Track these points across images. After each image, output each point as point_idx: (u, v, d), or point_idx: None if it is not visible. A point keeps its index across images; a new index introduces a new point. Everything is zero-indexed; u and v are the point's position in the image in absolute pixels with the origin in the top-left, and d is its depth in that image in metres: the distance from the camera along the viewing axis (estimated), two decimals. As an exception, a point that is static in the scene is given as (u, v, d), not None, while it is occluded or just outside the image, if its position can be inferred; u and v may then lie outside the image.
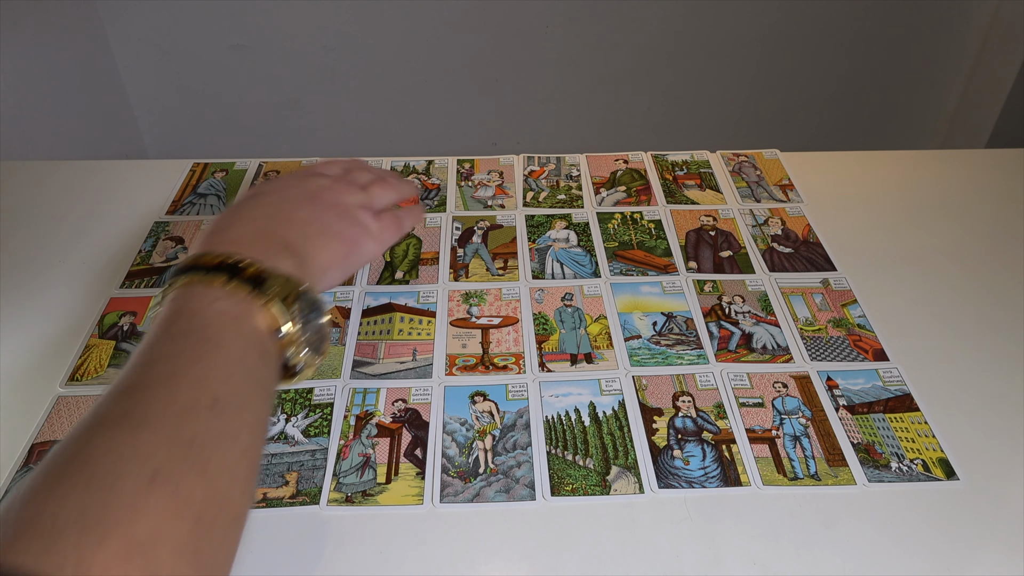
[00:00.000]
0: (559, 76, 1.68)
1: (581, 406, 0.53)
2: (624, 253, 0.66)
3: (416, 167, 0.77)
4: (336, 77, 1.65)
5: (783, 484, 0.48)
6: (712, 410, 0.53)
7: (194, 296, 0.38)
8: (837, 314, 0.60)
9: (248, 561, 0.44)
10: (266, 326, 0.38)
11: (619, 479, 0.48)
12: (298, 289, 0.40)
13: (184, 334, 0.36)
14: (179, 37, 1.57)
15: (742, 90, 1.73)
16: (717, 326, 0.59)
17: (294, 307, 0.39)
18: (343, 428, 0.51)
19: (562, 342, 0.58)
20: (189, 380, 0.34)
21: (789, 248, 0.67)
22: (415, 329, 0.59)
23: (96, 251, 0.67)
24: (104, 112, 1.58)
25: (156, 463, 0.30)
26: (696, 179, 0.75)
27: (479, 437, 0.51)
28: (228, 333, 0.37)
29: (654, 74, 1.69)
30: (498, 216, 0.70)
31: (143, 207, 0.72)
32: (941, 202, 0.72)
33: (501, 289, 0.62)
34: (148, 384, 0.33)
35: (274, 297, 0.39)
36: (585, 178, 0.75)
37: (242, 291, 0.38)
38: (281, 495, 0.47)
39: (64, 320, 0.59)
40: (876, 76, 1.71)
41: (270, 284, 0.39)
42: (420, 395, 0.54)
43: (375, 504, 0.47)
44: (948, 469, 0.49)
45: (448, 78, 1.67)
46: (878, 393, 0.54)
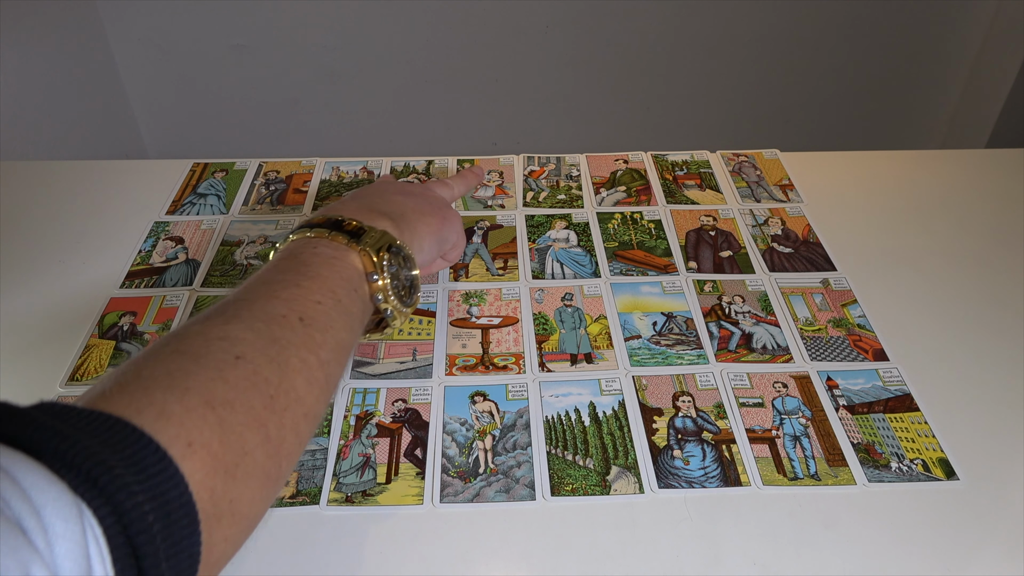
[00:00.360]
0: (559, 76, 1.68)
1: (581, 406, 0.53)
2: (624, 253, 0.66)
3: (416, 167, 0.77)
4: (336, 77, 1.65)
5: (783, 484, 0.48)
6: (712, 410, 0.53)
7: (299, 244, 0.43)
8: (837, 314, 0.60)
9: (248, 561, 0.44)
10: (360, 269, 0.43)
11: (619, 479, 0.48)
12: (391, 241, 0.45)
13: (285, 269, 0.41)
14: (179, 37, 1.57)
15: (742, 90, 1.73)
16: (717, 326, 0.59)
17: (386, 256, 0.44)
18: (343, 428, 0.51)
19: (562, 342, 0.58)
20: (282, 300, 0.38)
21: (789, 248, 0.67)
22: (415, 329, 0.59)
23: (96, 251, 0.67)
24: (104, 112, 1.58)
25: (241, 348, 0.34)
26: (696, 179, 0.75)
27: (479, 437, 0.51)
28: (323, 269, 0.41)
29: (654, 74, 1.69)
30: (498, 216, 0.70)
31: (143, 207, 0.72)
32: (941, 202, 0.72)
33: (501, 289, 0.62)
34: (245, 299, 0.38)
35: (368, 245, 0.44)
36: (585, 178, 0.75)
37: (341, 239, 0.43)
38: (281, 495, 0.47)
39: (64, 320, 0.59)
40: (876, 76, 1.71)
41: (367, 235, 0.44)
42: (420, 395, 0.54)
43: (375, 504, 0.47)
44: (948, 469, 0.49)
45: (448, 78, 1.67)
46: (878, 393, 0.54)
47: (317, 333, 0.38)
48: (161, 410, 0.29)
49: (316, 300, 0.39)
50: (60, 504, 0.24)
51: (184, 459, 0.29)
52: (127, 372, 0.32)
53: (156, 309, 0.60)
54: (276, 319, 0.37)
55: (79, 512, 0.24)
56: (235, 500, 0.31)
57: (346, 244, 0.43)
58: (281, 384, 0.35)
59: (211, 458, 0.30)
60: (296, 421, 0.35)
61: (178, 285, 0.63)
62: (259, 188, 0.74)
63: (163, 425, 0.29)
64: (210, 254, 0.66)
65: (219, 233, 0.68)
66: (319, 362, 0.37)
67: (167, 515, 0.27)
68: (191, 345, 0.34)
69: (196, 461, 0.29)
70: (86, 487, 0.25)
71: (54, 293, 0.62)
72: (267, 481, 0.33)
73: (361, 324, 0.43)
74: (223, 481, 0.30)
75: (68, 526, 0.24)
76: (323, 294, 0.40)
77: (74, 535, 0.24)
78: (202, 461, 0.29)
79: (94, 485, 0.25)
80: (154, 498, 0.27)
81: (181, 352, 0.33)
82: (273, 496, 0.35)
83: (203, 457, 0.30)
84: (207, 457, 0.30)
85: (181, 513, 0.28)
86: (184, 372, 0.32)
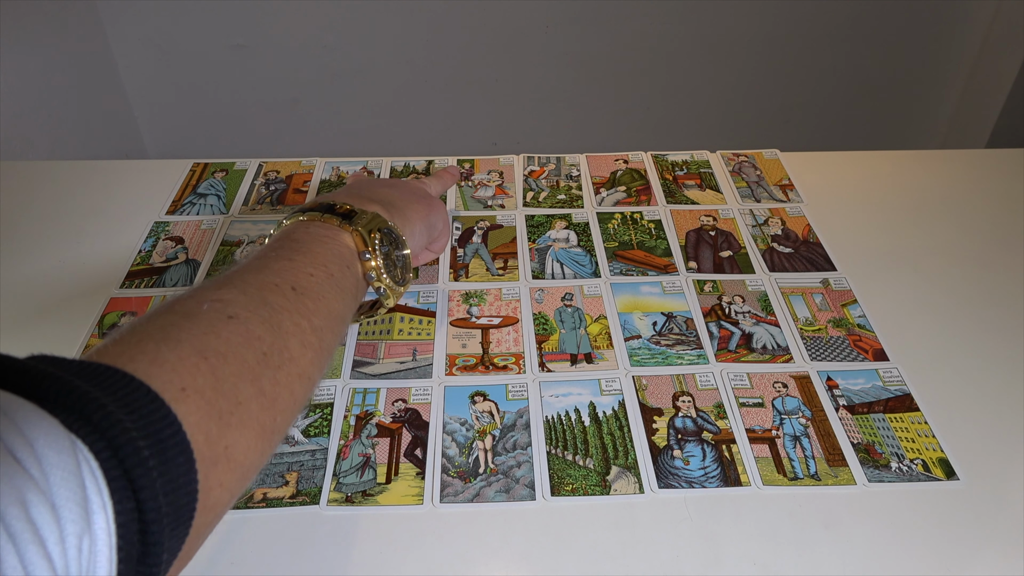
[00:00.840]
0: (559, 76, 1.68)
1: (581, 406, 0.53)
2: (624, 253, 0.66)
3: (416, 167, 0.77)
4: (336, 77, 1.64)
5: (783, 484, 0.48)
6: (712, 410, 0.53)
7: (292, 226, 0.45)
8: (837, 314, 0.60)
9: (248, 561, 0.44)
10: (352, 248, 0.45)
11: (619, 479, 0.48)
12: (383, 223, 0.46)
13: (278, 247, 0.42)
14: (179, 37, 1.57)
15: (742, 90, 1.72)
16: (717, 326, 0.59)
17: (378, 236, 0.45)
18: (343, 428, 0.51)
19: (562, 342, 0.58)
20: (274, 271, 0.40)
21: (789, 248, 0.67)
22: (415, 329, 0.59)
23: (96, 251, 0.67)
24: (104, 112, 1.58)
25: (233, 309, 0.35)
26: (696, 179, 0.75)
27: (479, 437, 0.51)
28: (315, 246, 0.43)
29: (654, 74, 1.69)
30: (498, 216, 0.70)
31: (143, 207, 0.72)
32: (941, 202, 0.72)
33: (501, 289, 0.62)
34: (240, 272, 0.39)
35: (360, 226, 0.45)
36: (585, 178, 0.75)
37: (333, 221, 0.45)
38: (281, 495, 0.47)
39: (64, 320, 0.59)
40: (876, 76, 1.71)
41: (358, 217, 0.46)
42: (420, 395, 0.54)
43: (375, 504, 0.47)
44: (948, 469, 0.49)
45: (448, 78, 1.67)
46: (878, 393, 0.54)
47: (309, 301, 0.39)
48: (154, 358, 0.30)
49: (308, 272, 0.40)
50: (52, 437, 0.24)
51: (178, 402, 0.29)
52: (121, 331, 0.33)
53: (156, 309, 0.60)
54: (269, 287, 0.38)
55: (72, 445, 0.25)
56: (230, 446, 0.32)
57: (338, 225, 0.45)
58: (274, 343, 0.36)
59: (205, 403, 0.31)
60: (291, 380, 0.36)
61: (178, 285, 0.63)
62: (259, 188, 0.74)
63: (156, 371, 0.30)
64: (210, 254, 0.66)
65: (219, 233, 0.68)
66: (312, 327, 0.38)
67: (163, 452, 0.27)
68: (184, 306, 0.35)
69: (190, 404, 0.30)
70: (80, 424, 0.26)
71: (54, 293, 0.62)
72: (263, 432, 0.34)
73: (355, 299, 0.45)
74: (217, 426, 0.31)
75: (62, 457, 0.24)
76: (315, 267, 0.41)
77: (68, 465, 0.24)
78: (196, 405, 0.30)
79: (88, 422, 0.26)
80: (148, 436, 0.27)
81: (174, 311, 0.34)
82: (270, 450, 0.35)
83: (196, 402, 0.30)
84: (200, 402, 0.30)
85: (176, 451, 0.28)
86: (177, 327, 0.33)
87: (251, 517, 0.46)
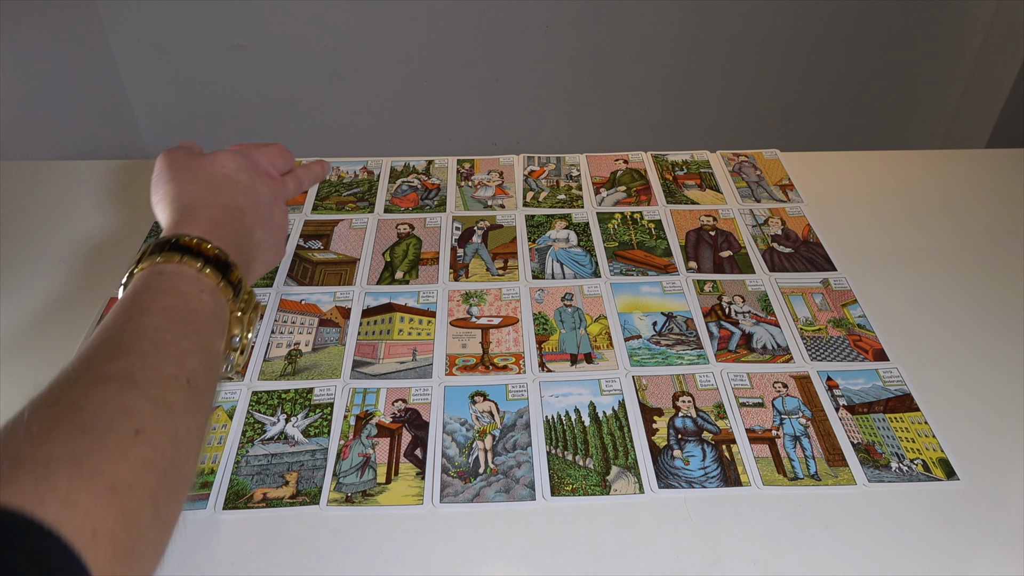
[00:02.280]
0: (559, 76, 1.68)
1: (581, 406, 0.53)
2: (624, 253, 0.66)
3: (416, 167, 0.77)
4: (336, 77, 1.65)
5: (783, 484, 0.48)
6: (712, 410, 0.53)
7: (189, 279, 0.43)
8: (837, 314, 0.60)
9: (248, 561, 0.44)
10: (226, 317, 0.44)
11: (619, 479, 0.48)
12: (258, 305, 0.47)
13: (172, 311, 0.41)
14: (179, 37, 1.57)
15: (742, 90, 1.73)
16: (717, 326, 0.59)
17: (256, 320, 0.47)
18: (343, 428, 0.51)
19: (562, 342, 0.58)
20: (173, 355, 0.38)
21: (789, 248, 0.67)
22: (415, 329, 0.59)
23: (96, 251, 0.67)
24: (104, 112, 1.58)
25: (140, 422, 0.34)
26: (696, 179, 0.75)
27: (479, 437, 0.51)
28: (206, 323, 0.42)
29: (654, 74, 1.69)
30: (498, 216, 0.70)
31: (143, 207, 0.71)
32: (941, 202, 0.72)
33: (501, 289, 0.62)
34: (140, 351, 0.37)
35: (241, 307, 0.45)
36: (585, 178, 0.75)
37: (226, 294, 0.44)
38: (281, 495, 0.47)
39: (64, 320, 0.59)
40: (876, 76, 1.71)
41: (243, 296, 0.45)
42: (420, 395, 0.54)
43: (375, 504, 0.47)
44: (948, 469, 0.49)
45: (448, 78, 1.67)
46: (878, 393, 0.54)
47: (198, 397, 0.39)
48: (66, 499, 0.29)
49: (199, 359, 0.40)
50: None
51: (88, 548, 0.29)
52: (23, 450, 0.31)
53: (156, 309, 0.60)
54: (168, 382, 0.37)
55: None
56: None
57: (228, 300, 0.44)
58: (173, 459, 0.35)
59: (114, 546, 0.30)
60: (179, 494, 0.36)
61: (178, 285, 0.63)
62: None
63: (68, 515, 0.29)
64: (210, 254, 0.66)
65: (219, 233, 0.68)
66: (198, 427, 0.38)
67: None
68: (90, 420, 0.33)
69: (100, 551, 0.30)
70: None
71: (54, 293, 0.62)
72: (156, 555, 0.34)
73: None
74: (123, 566, 0.31)
75: None
76: (204, 351, 0.41)
77: None
78: (106, 550, 0.30)
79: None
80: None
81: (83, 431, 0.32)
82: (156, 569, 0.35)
83: (107, 546, 0.30)
84: (110, 545, 0.30)
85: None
86: (88, 454, 0.31)
87: (251, 517, 0.46)
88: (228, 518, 0.46)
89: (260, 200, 0.53)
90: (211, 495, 0.47)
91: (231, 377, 0.48)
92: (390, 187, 0.74)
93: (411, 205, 0.72)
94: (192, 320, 0.41)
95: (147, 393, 0.35)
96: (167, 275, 0.42)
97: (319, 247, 0.67)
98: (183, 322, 0.40)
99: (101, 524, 0.30)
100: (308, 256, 0.66)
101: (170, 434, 0.35)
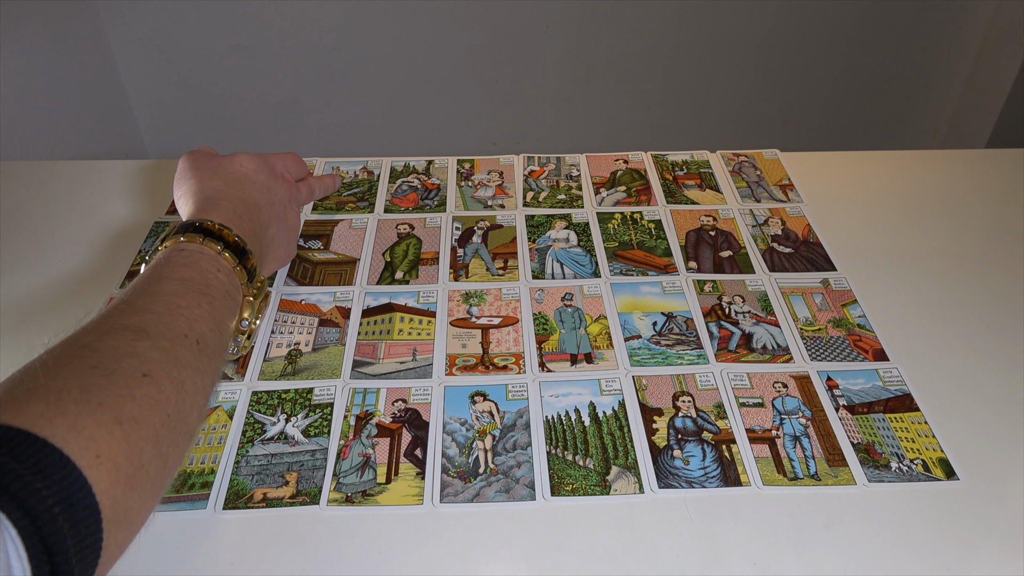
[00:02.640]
0: (559, 76, 1.68)
1: (581, 406, 0.53)
2: (624, 253, 0.66)
3: (416, 167, 0.77)
4: (336, 77, 1.64)
5: (783, 484, 0.48)
6: (712, 410, 0.53)
7: (208, 258, 0.46)
8: (837, 314, 0.60)
9: (248, 561, 0.44)
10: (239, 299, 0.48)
11: (619, 479, 0.48)
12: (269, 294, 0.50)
13: (189, 282, 0.44)
14: (179, 37, 1.57)
15: (742, 90, 1.72)
16: (717, 326, 0.59)
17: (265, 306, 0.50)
18: (343, 428, 0.51)
19: (562, 342, 0.58)
20: (185, 318, 0.41)
21: (789, 248, 0.67)
22: (415, 329, 0.59)
23: (96, 251, 0.67)
24: (104, 112, 1.58)
25: (148, 366, 0.37)
26: (696, 179, 0.75)
27: (479, 437, 0.51)
28: (220, 300, 0.45)
29: (654, 74, 1.69)
30: (498, 216, 0.70)
31: (143, 207, 0.72)
32: (941, 202, 0.72)
33: (501, 289, 0.62)
34: (155, 310, 0.40)
35: (254, 293, 0.49)
36: (585, 178, 0.75)
37: (241, 277, 0.48)
38: (281, 495, 0.47)
39: (64, 320, 0.59)
40: (876, 76, 1.71)
41: (256, 280, 0.49)
42: (420, 395, 0.54)
43: (375, 504, 0.47)
44: (948, 469, 0.49)
45: (448, 78, 1.67)
46: (878, 393, 0.54)
47: (207, 359, 0.41)
48: (73, 423, 0.32)
49: (210, 327, 0.42)
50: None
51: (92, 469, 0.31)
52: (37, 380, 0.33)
53: (156, 309, 0.60)
54: (179, 339, 0.40)
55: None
56: (129, 509, 0.34)
57: (243, 284, 0.48)
58: (178, 405, 0.37)
59: (116, 470, 0.32)
60: (180, 438, 0.38)
61: (178, 285, 0.63)
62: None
63: (74, 437, 0.31)
64: (210, 254, 0.66)
65: (219, 233, 0.68)
66: (203, 386, 0.41)
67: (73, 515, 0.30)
68: (102, 360, 0.36)
69: (103, 472, 0.32)
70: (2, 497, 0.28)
71: (54, 293, 0.62)
72: (155, 492, 0.36)
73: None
74: (123, 491, 0.33)
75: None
76: (215, 321, 0.43)
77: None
78: (108, 472, 0.32)
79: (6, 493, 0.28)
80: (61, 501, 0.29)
81: (94, 368, 0.35)
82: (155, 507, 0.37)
83: (109, 469, 0.32)
84: (112, 469, 0.32)
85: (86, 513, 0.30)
86: (96, 387, 0.34)
87: (251, 517, 0.46)
88: (228, 518, 0.46)
89: (276, 199, 0.57)
90: (211, 495, 0.47)
91: (236, 358, 0.51)
92: (390, 187, 0.74)
93: (411, 205, 0.72)
94: (207, 293, 0.44)
95: (157, 344, 0.38)
96: (188, 252, 0.46)
97: (319, 247, 0.67)
98: (198, 293, 0.43)
99: (105, 449, 0.32)
100: (308, 256, 0.66)
101: (176, 383, 0.37)
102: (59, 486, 0.29)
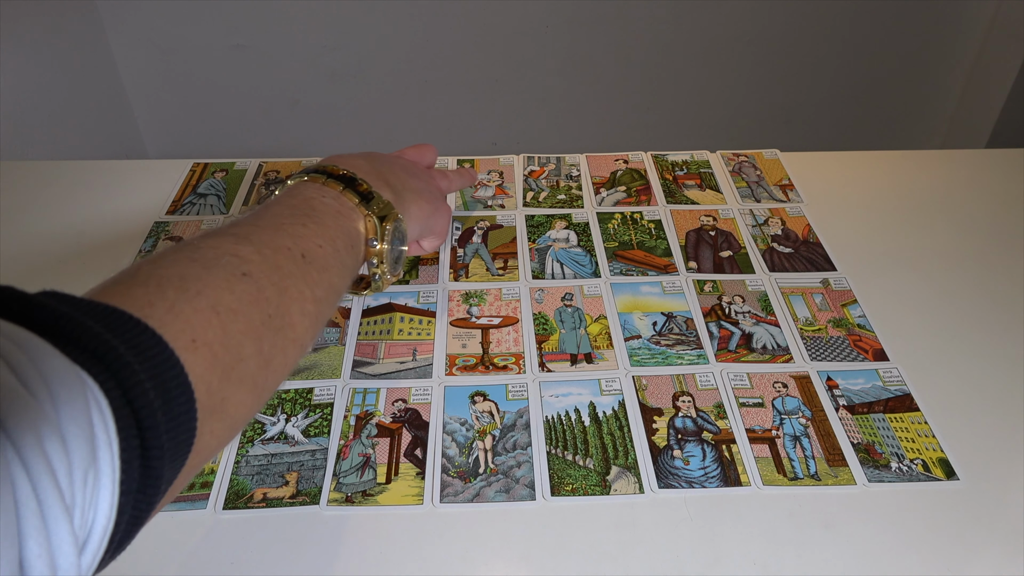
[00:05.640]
0: (559, 76, 1.68)
1: (581, 406, 0.53)
2: (624, 253, 0.66)
3: (416, 167, 0.77)
4: (336, 77, 1.65)
5: (783, 484, 0.48)
6: (712, 410, 0.53)
7: (312, 188, 0.46)
8: (837, 314, 0.60)
9: (248, 561, 0.44)
10: (362, 232, 0.47)
11: (619, 479, 0.48)
12: (396, 215, 0.48)
13: (295, 207, 0.44)
14: (179, 37, 1.57)
15: (742, 90, 1.73)
16: (717, 326, 0.59)
17: (387, 227, 0.47)
18: (343, 428, 0.51)
19: (562, 342, 0.58)
20: (289, 234, 0.41)
21: (789, 248, 0.67)
22: (415, 329, 0.59)
23: (96, 251, 0.66)
24: (104, 112, 1.58)
25: (248, 267, 0.37)
26: (696, 179, 0.75)
27: (479, 437, 0.51)
28: (329, 219, 0.45)
29: (654, 74, 1.69)
30: (498, 216, 0.70)
31: (143, 207, 0.72)
32: (941, 202, 0.72)
33: (501, 289, 0.62)
34: (258, 226, 0.41)
35: (375, 212, 0.47)
36: (585, 178, 0.75)
37: (352, 199, 0.47)
38: (281, 495, 0.47)
39: (64, 320, 0.59)
40: (876, 76, 1.71)
41: (375, 202, 0.47)
42: (420, 395, 0.54)
43: (375, 504, 0.47)
44: (948, 469, 0.49)
45: (448, 78, 1.67)
46: (878, 393, 0.54)
47: (315, 271, 0.41)
48: (171, 307, 0.32)
49: (318, 243, 0.42)
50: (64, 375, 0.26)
51: (187, 352, 0.31)
52: (142, 269, 0.34)
53: (156, 309, 0.60)
54: (282, 250, 0.40)
55: (82, 383, 0.26)
56: (226, 399, 0.33)
57: (355, 204, 0.47)
58: (279, 307, 0.37)
59: (212, 356, 0.32)
60: (286, 344, 0.38)
61: (178, 285, 0.63)
62: (259, 188, 0.74)
63: (171, 319, 0.31)
64: (210, 254, 0.66)
65: (219, 233, 0.68)
66: (313, 297, 0.40)
67: (166, 392, 0.29)
68: (204, 255, 0.36)
69: (198, 356, 0.31)
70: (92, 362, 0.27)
71: (54, 293, 0.62)
72: (255, 389, 0.36)
73: (352, 277, 0.47)
74: (219, 379, 0.33)
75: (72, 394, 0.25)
76: (325, 239, 0.43)
77: (77, 402, 0.25)
78: (203, 357, 0.32)
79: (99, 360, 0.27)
80: (153, 377, 0.29)
81: (194, 260, 0.36)
82: (258, 407, 0.37)
83: (204, 354, 0.32)
84: (208, 355, 0.32)
85: (178, 393, 0.30)
86: (196, 278, 0.34)
87: (251, 517, 0.46)
88: (228, 518, 0.46)
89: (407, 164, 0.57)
90: (211, 495, 0.47)
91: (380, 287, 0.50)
92: (390, 187, 0.74)
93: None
94: (311, 215, 0.44)
95: (260, 250, 0.38)
96: (293, 187, 0.47)
97: (319, 247, 0.67)
98: (303, 215, 0.43)
99: (201, 335, 0.32)
100: (308, 256, 0.66)
101: (278, 287, 0.38)
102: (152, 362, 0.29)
